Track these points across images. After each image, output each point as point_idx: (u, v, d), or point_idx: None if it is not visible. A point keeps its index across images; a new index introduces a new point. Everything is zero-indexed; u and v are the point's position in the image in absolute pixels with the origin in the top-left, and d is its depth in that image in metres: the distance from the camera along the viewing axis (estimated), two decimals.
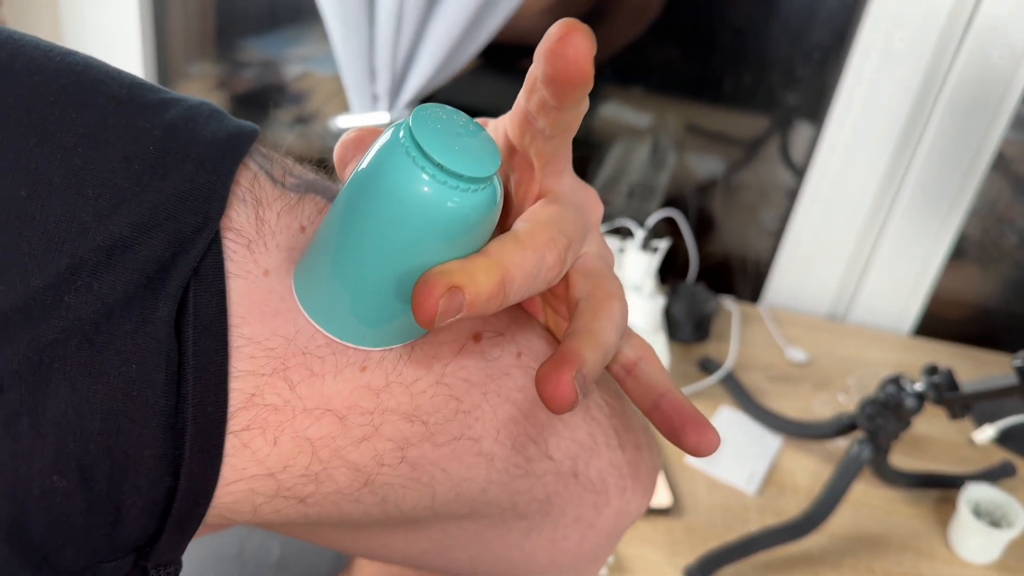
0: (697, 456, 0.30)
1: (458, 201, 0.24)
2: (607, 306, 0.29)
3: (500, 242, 0.26)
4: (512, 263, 0.26)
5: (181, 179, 0.24)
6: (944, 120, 1.21)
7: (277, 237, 0.27)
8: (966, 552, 0.94)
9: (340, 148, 0.30)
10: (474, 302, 0.25)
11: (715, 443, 0.30)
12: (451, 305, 0.24)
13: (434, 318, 0.24)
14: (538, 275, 0.27)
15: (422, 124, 0.25)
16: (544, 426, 0.33)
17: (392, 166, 0.24)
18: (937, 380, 0.89)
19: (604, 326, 0.29)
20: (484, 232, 0.26)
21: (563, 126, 0.28)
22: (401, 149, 0.24)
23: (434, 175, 0.24)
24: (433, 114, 0.25)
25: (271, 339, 0.26)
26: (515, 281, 0.26)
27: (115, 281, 0.23)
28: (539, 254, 0.27)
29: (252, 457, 0.26)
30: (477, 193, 0.25)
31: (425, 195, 0.24)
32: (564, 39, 0.25)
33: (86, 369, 0.22)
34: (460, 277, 0.24)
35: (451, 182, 0.24)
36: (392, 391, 0.28)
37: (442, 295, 0.24)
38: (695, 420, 0.30)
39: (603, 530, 0.38)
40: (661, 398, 0.31)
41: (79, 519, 0.23)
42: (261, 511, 0.27)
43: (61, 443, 0.22)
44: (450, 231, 0.25)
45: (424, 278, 0.24)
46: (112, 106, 0.24)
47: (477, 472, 0.31)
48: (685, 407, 0.30)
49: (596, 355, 0.27)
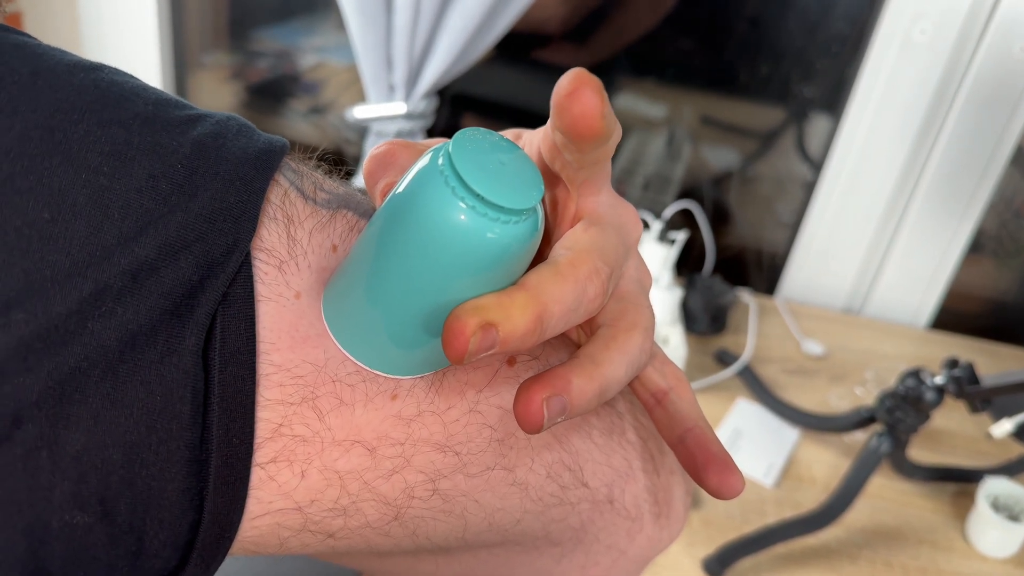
0: (718, 498, 0.29)
1: (498, 232, 0.23)
2: (624, 337, 0.27)
3: (539, 273, 0.25)
4: (551, 298, 0.24)
5: (210, 198, 0.23)
6: (963, 113, 1.21)
7: (309, 257, 0.26)
8: (984, 546, 0.94)
9: (370, 162, 0.29)
10: (508, 339, 0.23)
11: (738, 487, 0.28)
12: (484, 343, 0.23)
13: (464, 355, 0.23)
14: (578, 309, 0.25)
15: (462, 150, 0.23)
16: (579, 452, 0.32)
17: (430, 194, 0.23)
18: (957, 373, 0.89)
19: (612, 357, 0.27)
20: (524, 262, 0.25)
21: (592, 160, 0.27)
22: (440, 177, 0.23)
23: (474, 206, 0.23)
24: (474, 139, 0.24)
25: (300, 366, 0.25)
26: (553, 317, 0.24)
27: (140, 307, 0.22)
28: (581, 286, 0.25)
29: (279, 490, 0.25)
30: (518, 225, 0.24)
31: (464, 226, 0.23)
32: (571, 96, 0.24)
33: (109, 400, 0.21)
34: (495, 314, 0.23)
35: (491, 213, 0.23)
36: (424, 420, 0.27)
37: (474, 332, 0.23)
38: (720, 460, 0.29)
39: (634, 557, 0.37)
40: (688, 433, 0.29)
41: (100, 552, 0.22)
42: (288, 544, 0.27)
43: (82, 478, 0.21)
44: (488, 263, 0.24)
45: (456, 314, 0.23)
46: (137, 124, 0.23)
47: (511, 502, 0.30)
48: (711, 445, 0.29)
49: (590, 385, 0.26)
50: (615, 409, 0.34)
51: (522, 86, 1.43)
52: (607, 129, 0.24)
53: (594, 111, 0.23)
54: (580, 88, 0.23)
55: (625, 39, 1.37)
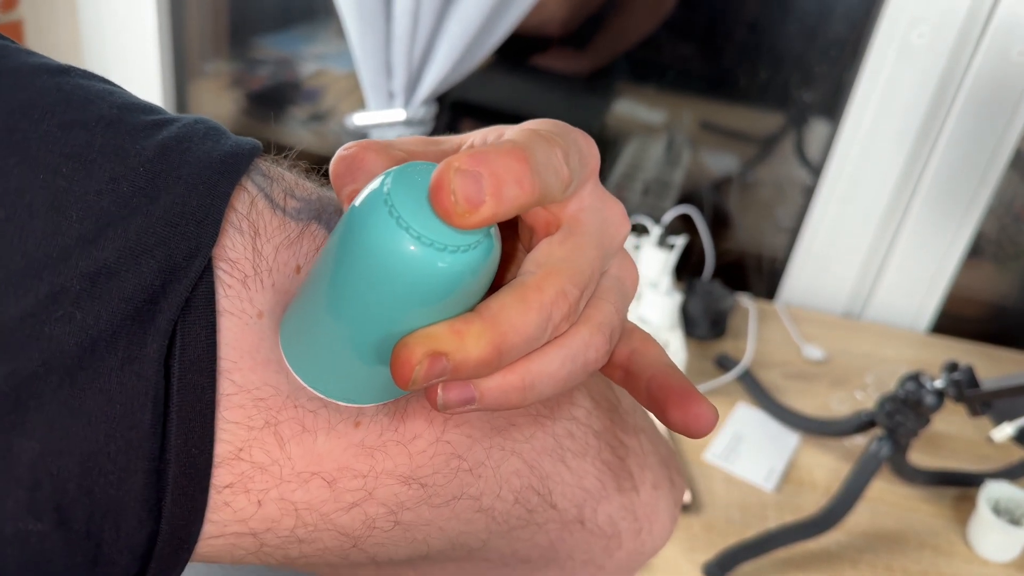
0: (690, 436, 0.26)
1: (449, 262, 0.22)
2: (567, 331, 0.25)
3: (500, 299, 0.23)
4: (511, 327, 0.23)
5: (171, 202, 0.22)
6: (962, 117, 1.21)
7: (274, 275, 0.25)
8: (985, 550, 0.94)
9: (337, 164, 0.27)
10: (460, 368, 0.22)
11: (707, 417, 0.26)
12: (432, 370, 0.22)
13: (409, 383, 0.22)
14: (542, 336, 0.24)
15: (404, 183, 0.22)
16: (550, 476, 0.31)
17: (375, 224, 0.22)
18: (957, 377, 0.89)
19: (546, 349, 0.25)
20: (480, 288, 0.24)
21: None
22: (384, 207, 0.22)
23: (419, 236, 0.22)
24: (419, 170, 0.23)
25: (262, 388, 0.24)
26: (513, 346, 0.23)
27: (100, 311, 0.21)
28: (545, 313, 0.24)
29: (234, 516, 0.24)
30: (470, 252, 0.22)
31: (412, 256, 0.22)
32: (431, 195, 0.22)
33: (66, 408, 0.20)
34: (445, 343, 0.22)
35: (438, 243, 0.22)
36: (388, 451, 0.26)
37: (419, 361, 0.22)
38: (679, 392, 0.27)
39: (614, 570, 0.36)
40: (650, 380, 0.28)
41: (57, 559, 0.21)
42: (244, 561, 0.26)
43: (35, 485, 0.20)
44: (441, 292, 0.22)
45: (404, 342, 0.22)
46: (101, 127, 0.22)
47: (475, 526, 0.30)
48: (671, 380, 0.27)
49: (509, 376, 0.24)
50: (592, 429, 0.33)
51: (521, 92, 1.44)
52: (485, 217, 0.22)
53: (448, 212, 0.21)
54: (434, 191, 0.21)
55: (624, 44, 1.37)
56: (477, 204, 0.21)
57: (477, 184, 0.21)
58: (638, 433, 0.36)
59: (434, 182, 0.21)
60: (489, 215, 0.22)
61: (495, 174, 0.22)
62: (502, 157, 0.22)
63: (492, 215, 0.22)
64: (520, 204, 0.22)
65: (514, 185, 0.22)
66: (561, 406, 0.32)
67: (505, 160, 0.22)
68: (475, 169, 0.21)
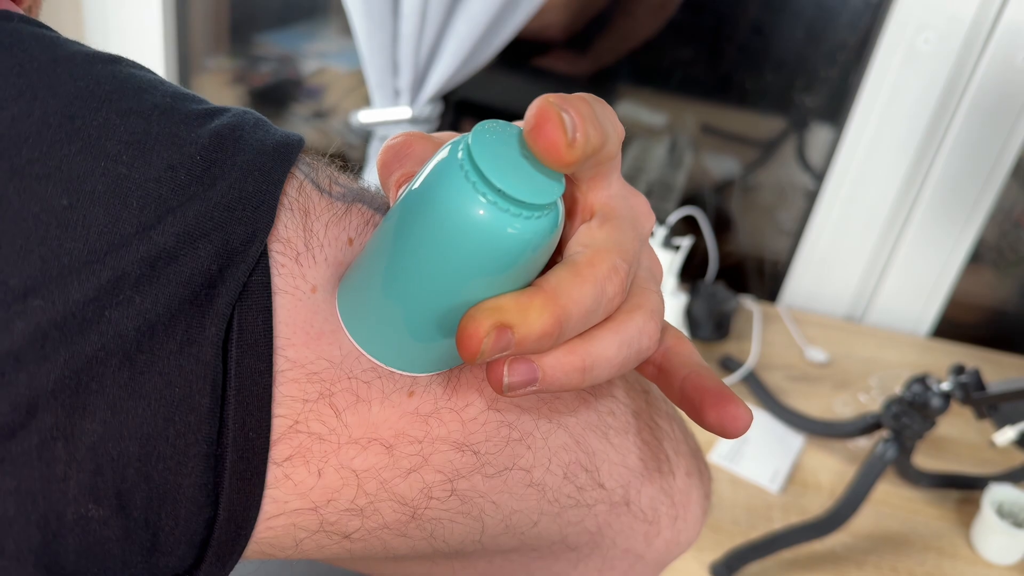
0: (725, 436, 0.27)
1: (519, 228, 0.23)
2: (624, 318, 0.26)
3: (557, 274, 0.24)
4: (570, 300, 0.24)
5: (228, 187, 0.23)
6: (966, 123, 1.21)
7: (325, 250, 0.26)
8: (989, 552, 0.94)
9: (385, 152, 0.28)
10: (523, 341, 0.23)
11: (743, 418, 0.27)
12: (498, 344, 0.23)
13: (476, 356, 0.23)
14: (598, 309, 0.25)
15: (482, 143, 0.23)
16: (596, 453, 0.31)
17: (449, 189, 0.22)
18: (964, 380, 0.89)
19: (603, 334, 0.25)
20: (543, 258, 0.24)
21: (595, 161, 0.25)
22: (459, 171, 0.22)
23: (494, 201, 0.22)
24: (493, 131, 0.23)
25: (316, 362, 0.24)
26: (571, 319, 0.24)
27: (159, 295, 0.21)
28: (600, 286, 0.24)
29: (295, 489, 0.25)
30: (539, 220, 0.23)
31: (483, 221, 0.22)
32: (533, 134, 0.22)
33: (126, 390, 0.21)
34: (512, 316, 0.23)
35: (512, 208, 0.22)
36: (442, 418, 0.27)
37: (487, 333, 0.22)
38: (715, 393, 0.27)
39: (652, 561, 0.36)
40: (684, 380, 0.28)
41: (115, 547, 0.22)
42: (303, 546, 0.26)
43: (98, 470, 0.21)
44: (508, 259, 0.23)
45: (471, 314, 0.23)
46: (156, 114, 0.23)
47: (528, 504, 0.30)
48: (706, 382, 0.27)
49: (568, 358, 0.25)
50: (631, 409, 0.34)
51: (525, 92, 1.44)
52: (579, 155, 0.23)
53: (556, 145, 0.22)
54: (540, 124, 0.22)
55: (627, 47, 1.37)
56: (576, 140, 0.22)
57: (577, 119, 0.22)
58: (671, 419, 0.36)
59: (538, 117, 0.22)
60: (589, 150, 0.23)
61: (581, 114, 0.22)
62: (579, 100, 0.23)
63: (589, 150, 0.23)
64: (595, 146, 0.23)
65: (593, 125, 0.23)
66: (600, 385, 0.32)
67: (581, 103, 0.23)
68: (567, 107, 0.22)
